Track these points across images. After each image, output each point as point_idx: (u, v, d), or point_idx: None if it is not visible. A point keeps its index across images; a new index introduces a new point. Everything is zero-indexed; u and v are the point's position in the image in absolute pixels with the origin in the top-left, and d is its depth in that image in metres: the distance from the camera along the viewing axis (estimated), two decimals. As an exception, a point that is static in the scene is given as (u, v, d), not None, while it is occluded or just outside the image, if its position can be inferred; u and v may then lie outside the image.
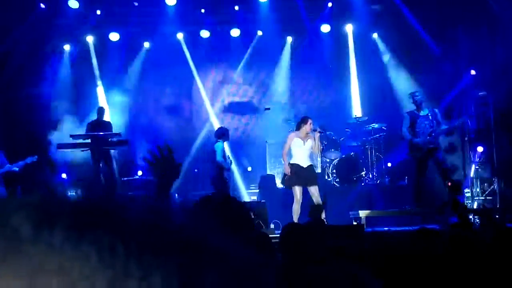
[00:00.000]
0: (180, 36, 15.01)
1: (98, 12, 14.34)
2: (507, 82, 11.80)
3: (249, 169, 14.62)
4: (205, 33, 14.88)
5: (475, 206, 11.93)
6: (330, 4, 14.53)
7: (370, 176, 13.13)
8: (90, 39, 14.75)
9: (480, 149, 12.40)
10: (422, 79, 13.35)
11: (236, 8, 14.62)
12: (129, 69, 14.80)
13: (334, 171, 12.94)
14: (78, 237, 0.51)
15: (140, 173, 13.88)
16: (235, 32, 14.93)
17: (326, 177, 13.01)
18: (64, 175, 13.70)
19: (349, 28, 14.88)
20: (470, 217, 10.64)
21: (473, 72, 12.72)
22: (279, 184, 13.70)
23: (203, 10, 14.56)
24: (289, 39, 15.20)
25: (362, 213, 9.88)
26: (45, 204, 0.54)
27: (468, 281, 2.65)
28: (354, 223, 9.96)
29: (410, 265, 1.77)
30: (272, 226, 10.04)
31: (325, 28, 14.85)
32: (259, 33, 15.05)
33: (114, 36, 14.64)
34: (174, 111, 14.75)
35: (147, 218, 0.56)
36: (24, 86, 13.52)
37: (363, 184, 12.90)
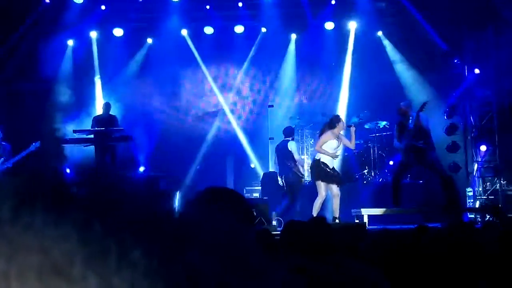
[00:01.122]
0: (184, 32, 15.00)
1: (103, 7, 14.35)
2: (510, 82, 11.77)
3: (252, 166, 14.62)
4: (209, 30, 14.87)
5: (477, 205, 11.93)
6: (333, 1, 14.49)
7: (373, 174, 13.12)
8: (94, 34, 14.74)
9: (483, 148, 12.38)
10: (427, 77, 13.33)
11: (240, 4, 14.60)
12: (132, 64, 14.79)
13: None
14: (57, 216, 0.52)
15: (142, 168, 13.86)
16: (239, 29, 14.90)
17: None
18: (67, 170, 13.69)
19: (352, 26, 14.82)
20: (472, 216, 10.66)
21: (477, 71, 12.70)
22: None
23: (208, 7, 14.56)
24: (293, 36, 15.15)
25: (364, 211, 9.88)
26: (25, 184, 0.56)
27: (469, 278, 2.64)
28: (356, 221, 9.96)
29: (411, 263, 1.77)
30: (274, 223, 10.05)
31: (329, 25, 14.82)
32: (263, 30, 15.02)
33: (118, 32, 14.63)
34: (175, 106, 14.72)
35: (127, 198, 0.59)
36: (29, 80, 13.54)
37: (365, 182, 12.90)
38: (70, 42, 14.62)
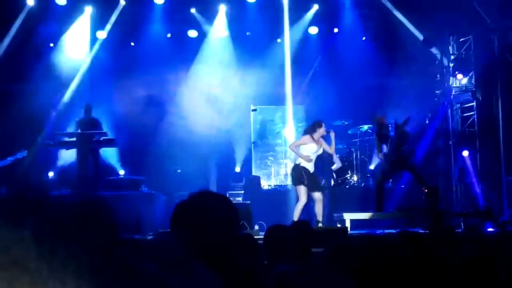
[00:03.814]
0: (167, 35, 14.95)
1: (86, 9, 14.28)
2: (492, 87, 11.90)
3: (238, 170, 14.58)
4: (193, 33, 14.85)
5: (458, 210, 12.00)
6: (316, 6, 14.55)
7: (355, 178, 13.16)
8: (78, 36, 14.59)
9: (465, 153, 12.46)
10: (410, 82, 13.39)
11: (223, 8, 14.57)
12: (115, 66, 14.67)
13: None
14: (15, 223, 0.63)
15: (122, 172, 13.75)
16: (223, 33, 14.88)
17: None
18: (51, 174, 13.58)
19: (335, 30, 14.94)
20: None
21: (459, 76, 12.80)
22: (264, 185, 13.72)
23: (193, 10, 14.54)
24: (278, 40, 15.14)
25: (346, 216, 9.88)
26: None
27: (451, 282, 2.66)
28: (338, 225, 9.98)
29: (392, 268, 1.78)
30: (256, 227, 10.05)
31: (313, 30, 14.90)
32: (247, 33, 15.01)
33: (101, 34, 14.55)
34: (158, 109, 14.64)
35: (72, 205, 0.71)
36: (12, 82, 13.47)
37: (347, 186, 12.91)
38: (52, 44, 14.50)
